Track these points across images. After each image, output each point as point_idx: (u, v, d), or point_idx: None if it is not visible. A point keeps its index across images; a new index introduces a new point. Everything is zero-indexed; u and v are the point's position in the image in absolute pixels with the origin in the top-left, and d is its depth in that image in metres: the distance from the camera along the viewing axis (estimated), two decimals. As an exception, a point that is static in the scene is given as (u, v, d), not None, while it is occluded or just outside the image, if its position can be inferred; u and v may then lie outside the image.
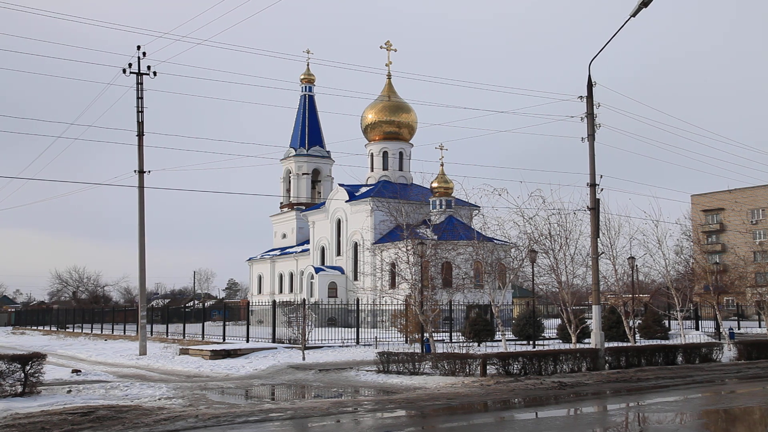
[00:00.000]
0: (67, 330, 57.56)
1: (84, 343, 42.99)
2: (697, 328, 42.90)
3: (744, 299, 45.08)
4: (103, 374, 22.75)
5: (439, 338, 32.01)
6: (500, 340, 29.73)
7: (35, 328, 65.92)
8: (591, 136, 23.46)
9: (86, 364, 28.22)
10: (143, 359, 29.14)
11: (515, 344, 32.94)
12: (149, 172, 32.11)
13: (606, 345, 23.37)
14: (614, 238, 31.48)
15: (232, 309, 54.48)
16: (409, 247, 28.37)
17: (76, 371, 22.84)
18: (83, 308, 69.91)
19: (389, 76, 66.20)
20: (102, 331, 50.87)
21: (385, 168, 65.54)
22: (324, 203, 66.89)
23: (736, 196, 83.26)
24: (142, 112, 32.04)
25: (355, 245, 61.69)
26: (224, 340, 34.12)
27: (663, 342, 32.78)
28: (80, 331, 54.42)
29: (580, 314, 30.23)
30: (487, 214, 29.08)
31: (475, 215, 37.71)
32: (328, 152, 75.36)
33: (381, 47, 65.10)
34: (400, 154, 66.02)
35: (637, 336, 34.90)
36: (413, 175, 64.35)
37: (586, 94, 23.67)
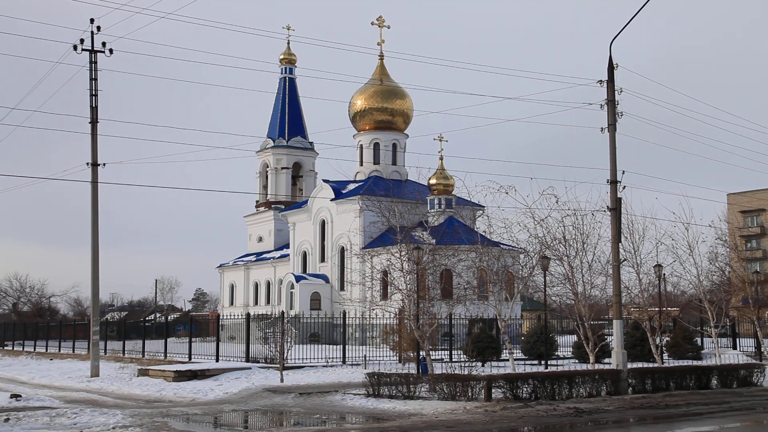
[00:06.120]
0: (5, 348, 57.30)
1: (26, 362, 42.77)
2: (734, 347, 43.02)
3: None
4: (47, 399, 22.64)
5: (437, 357, 32.04)
6: (507, 360, 29.79)
7: (-32, 345, 65.59)
8: (612, 126, 23.54)
9: (28, 387, 28.09)
10: (95, 381, 29.08)
11: (524, 364, 33.01)
12: (104, 164, 32.12)
13: (629, 366, 23.46)
14: (638, 242, 31.65)
15: (199, 323, 54.59)
16: (403, 253, 28.42)
17: (15, 396, 22.72)
18: (25, 322, 69.54)
19: (381, 57, 66.23)
20: (47, 349, 50.64)
21: (376, 162, 65.56)
22: (306, 202, 66.87)
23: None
24: (96, 95, 31.97)
25: (342, 250, 61.68)
26: (190, 359, 34.19)
27: (695, 363, 32.89)
28: (21, 349, 54.17)
29: (599, 330, 30.34)
30: (493, 215, 29.18)
31: (479, 216, 37.77)
32: (311, 143, 75.37)
33: (372, 23, 65.14)
34: (394, 146, 66.06)
35: (665, 355, 35.03)
36: (408, 171, 64.48)
37: (607, 78, 23.75)
